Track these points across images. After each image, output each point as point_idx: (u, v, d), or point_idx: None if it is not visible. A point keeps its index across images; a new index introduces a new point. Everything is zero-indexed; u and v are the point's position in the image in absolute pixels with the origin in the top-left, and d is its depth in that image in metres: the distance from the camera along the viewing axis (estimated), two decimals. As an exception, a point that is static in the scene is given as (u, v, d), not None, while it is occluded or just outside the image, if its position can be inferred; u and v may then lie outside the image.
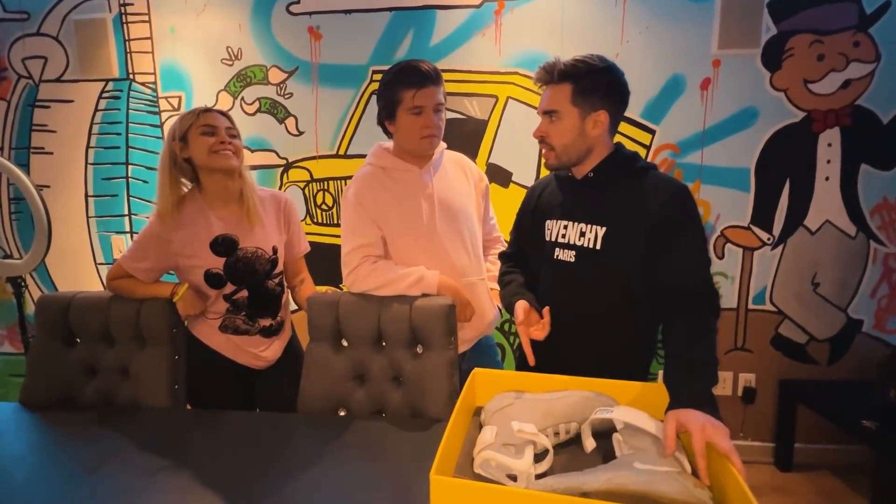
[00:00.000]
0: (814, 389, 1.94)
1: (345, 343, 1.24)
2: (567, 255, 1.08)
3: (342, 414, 1.18)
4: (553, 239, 1.10)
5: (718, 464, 0.68)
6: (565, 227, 1.08)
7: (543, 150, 1.08)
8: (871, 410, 1.70)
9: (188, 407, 1.28)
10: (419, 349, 1.20)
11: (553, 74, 1.01)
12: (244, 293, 1.28)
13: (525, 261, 1.22)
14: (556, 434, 0.85)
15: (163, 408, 1.20)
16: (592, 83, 1.00)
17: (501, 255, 1.32)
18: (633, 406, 0.82)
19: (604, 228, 1.02)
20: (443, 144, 1.33)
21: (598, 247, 1.03)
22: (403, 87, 1.18)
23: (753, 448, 2.08)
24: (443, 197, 1.28)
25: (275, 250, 1.32)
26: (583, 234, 1.05)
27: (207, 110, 1.24)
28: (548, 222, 1.12)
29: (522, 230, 1.23)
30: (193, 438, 1.05)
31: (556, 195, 1.14)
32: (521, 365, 1.22)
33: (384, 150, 1.30)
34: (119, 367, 1.24)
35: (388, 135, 1.29)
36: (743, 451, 2.06)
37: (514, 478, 0.74)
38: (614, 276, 1.02)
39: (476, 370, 0.97)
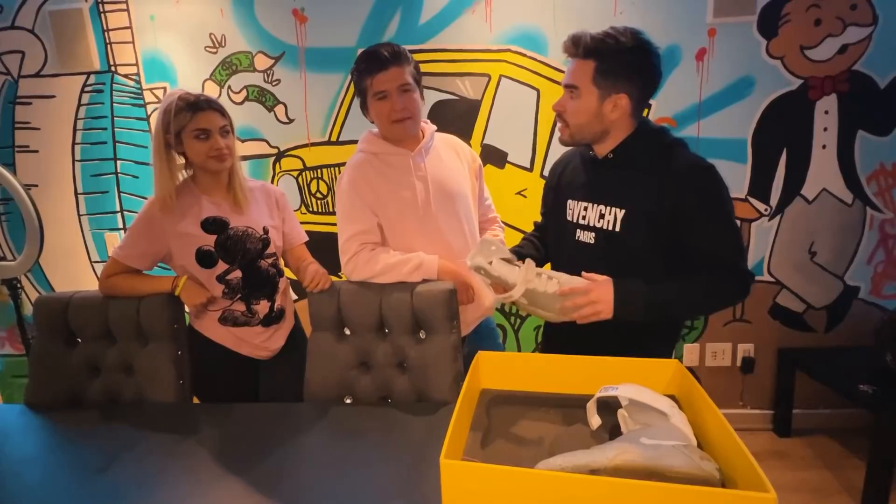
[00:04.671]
0: (812, 356, 1.97)
1: (347, 331, 1.24)
2: (587, 237, 1.07)
3: (348, 401, 1.19)
4: (574, 220, 1.10)
5: (723, 435, 0.69)
6: (585, 209, 1.07)
7: (559, 125, 1.06)
8: (868, 375, 1.73)
9: (195, 401, 1.29)
10: (422, 334, 1.20)
11: (579, 48, 0.95)
12: (237, 273, 1.28)
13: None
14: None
15: (169, 403, 1.20)
16: (618, 63, 0.94)
17: (535, 224, 1.35)
18: (638, 382, 0.83)
19: (623, 211, 1.01)
20: (433, 127, 1.32)
21: (616, 229, 1.01)
22: (364, 74, 1.18)
23: (753, 416, 2.12)
24: (437, 180, 1.27)
25: (265, 230, 1.32)
26: (602, 216, 1.04)
27: (200, 108, 1.20)
28: (569, 202, 1.12)
29: (546, 204, 1.25)
30: (202, 432, 1.06)
31: (578, 174, 1.12)
32: (547, 344, 1.29)
33: (374, 136, 1.28)
34: (122, 364, 1.24)
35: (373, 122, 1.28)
36: (743, 418, 2.11)
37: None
38: (634, 256, 1.01)
39: (480, 353, 0.97)
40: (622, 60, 0.94)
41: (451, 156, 1.34)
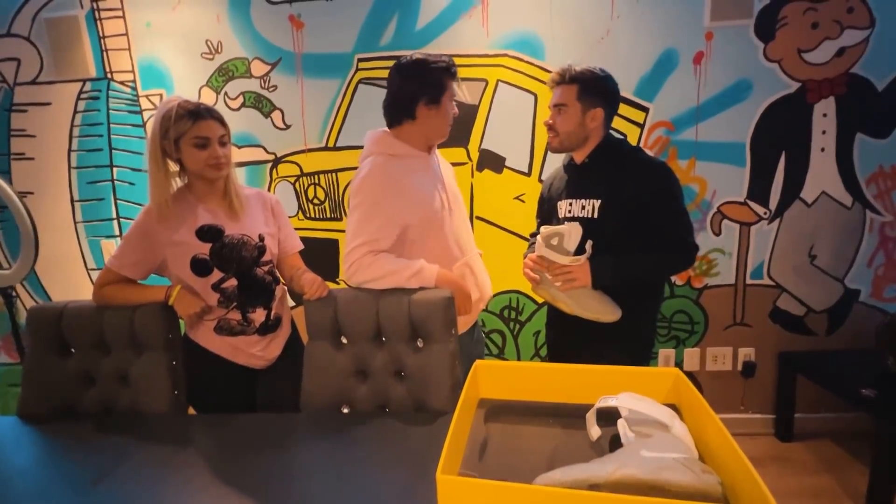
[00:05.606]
0: (813, 360, 1.96)
1: (344, 340, 1.23)
2: None
3: (346, 411, 1.18)
4: (563, 215, 1.37)
5: (724, 446, 0.68)
6: (571, 204, 1.35)
7: (550, 136, 1.34)
8: (869, 378, 1.72)
9: (190, 411, 1.27)
10: (419, 343, 1.19)
11: (565, 77, 1.29)
12: (233, 282, 1.26)
13: None
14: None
15: (164, 414, 1.18)
16: (594, 86, 1.29)
17: (532, 234, 1.57)
18: (638, 392, 0.82)
19: (599, 201, 1.29)
20: None
21: (596, 216, 1.29)
22: (451, 80, 1.25)
23: (754, 420, 2.11)
24: (448, 181, 1.35)
25: (261, 238, 1.31)
26: (584, 208, 1.32)
27: (201, 116, 1.19)
28: (559, 203, 1.40)
29: (542, 210, 1.52)
30: (198, 443, 1.05)
31: (563, 181, 1.42)
32: (552, 320, 1.51)
33: (390, 137, 1.27)
34: (117, 375, 1.23)
35: (395, 124, 1.26)
36: (744, 423, 2.09)
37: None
38: (611, 238, 1.27)
39: (478, 362, 0.96)
40: (597, 84, 1.29)
41: (443, 160, 1.41)
